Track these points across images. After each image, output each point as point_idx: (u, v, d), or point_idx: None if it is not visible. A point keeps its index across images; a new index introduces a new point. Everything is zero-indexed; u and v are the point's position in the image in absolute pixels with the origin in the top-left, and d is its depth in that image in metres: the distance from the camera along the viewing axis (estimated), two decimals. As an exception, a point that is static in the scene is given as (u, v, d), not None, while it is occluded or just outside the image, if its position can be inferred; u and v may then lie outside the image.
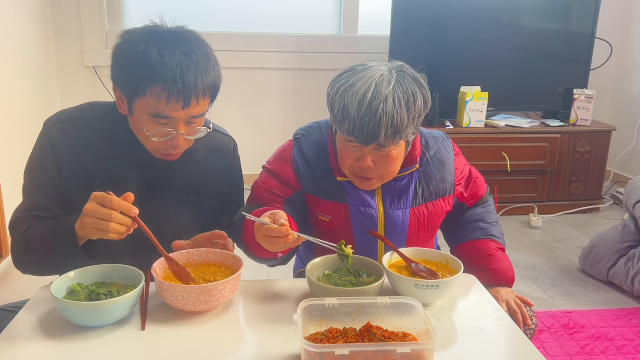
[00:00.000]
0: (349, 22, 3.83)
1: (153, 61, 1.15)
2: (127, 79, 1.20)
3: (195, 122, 1.25)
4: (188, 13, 3.67)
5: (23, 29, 3.02)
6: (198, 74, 1.17)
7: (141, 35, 1.19)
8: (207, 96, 1.22)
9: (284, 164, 1.43)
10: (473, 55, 3.50)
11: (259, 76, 3.80)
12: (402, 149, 1.32)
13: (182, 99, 1.17)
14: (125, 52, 1.19)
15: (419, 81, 1.28)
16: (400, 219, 1.42)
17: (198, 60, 1.18)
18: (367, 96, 1.21)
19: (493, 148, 3.37)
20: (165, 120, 1.20)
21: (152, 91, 1.16)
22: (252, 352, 1.04)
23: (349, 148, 1.30)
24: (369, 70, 1.26)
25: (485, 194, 1.56)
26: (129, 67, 1.19)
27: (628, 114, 3.95)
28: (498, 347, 1.10)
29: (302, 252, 1.65)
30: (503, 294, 1.40)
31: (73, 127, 1.30)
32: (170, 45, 1.17)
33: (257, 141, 3.88)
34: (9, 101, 2.76)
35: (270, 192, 1.41)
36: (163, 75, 1.14)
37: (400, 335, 1.02)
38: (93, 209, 1.08)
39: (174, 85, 1.15)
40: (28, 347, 1.02)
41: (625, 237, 2.61)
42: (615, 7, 3.89)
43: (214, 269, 1.23)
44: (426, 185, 1.43)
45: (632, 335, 2.21)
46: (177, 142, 1.24)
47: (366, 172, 1.31)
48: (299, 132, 1.48)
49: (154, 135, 1.22)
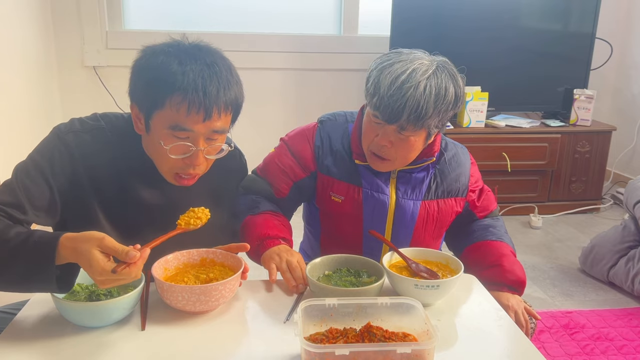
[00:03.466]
0: (349, 22, 3.83)
1: (173, 70, 1.10)
2: (146, 92, 1.15)
3: (217, 139, 1.18)
4: (188, 13, 3.67)
5: (23, 29, 3.02)
6: (220, 85, 1.13)
7: (161, 48, 1.15)
8: (229, 111, 1.17)
9: (304, 143, 1.48)
10: (473, 55, 3.50)
11: (258, 76, 3.79)
12: (421, 138, 1.35)
13: (203, 110, 1.11)
14: (144, 64, 1.15)
15: (455, 78, 1.32)
16: (411, 209, 1.44)
17: (221, 72, 1.14)
18: (400, 78, 1.27)
19: (493, 148, 3.37)
20: (184, 134, 1.14)
21: (172, 101, 1.11)
22: (252, 352, 1.04)
23: (373, 124, 1.35)
24: (412, 56, 1.32)
25: (496, 210, 1.57)
26: (148, 79, 1.14)
27: (628, 114, 3.95)
28: (498, 347, 1.10)
29: (306, 245, 1.65)
30: (513, 302, 1.36)
31: (91, 137, 1.22)
32: (191, 55, 1.13)
33: (256, 141, 3.87)
34: (9, 101, 2.76)
35: (282, 172, 1.47)
36: (184, 84, 1.10)
37: (400, 335, 1.02)
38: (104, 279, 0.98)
39: (195, 95, 1.10)
40: (28, 347, 1.02)
41: (625, 237, 2.61)
42: (615, 7, 3.88)
43: (214, 269, 1.22)
44: (440, 181, 1.47)
45: (632, 335, 2.21)
46: (196, 161, 1.17)
47: (382, 150, 1.35)
48: (326, 115, 1.53)
49: (171, 150, 1.15)
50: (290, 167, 1.47)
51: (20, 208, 1.12)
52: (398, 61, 1.30)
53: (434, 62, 1.31)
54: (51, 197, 1.17)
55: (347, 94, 3.91)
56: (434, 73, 1.28)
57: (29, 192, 1.14)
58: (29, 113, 2.98)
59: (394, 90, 1.26)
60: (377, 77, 1.30)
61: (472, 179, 1.52)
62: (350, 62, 3.84)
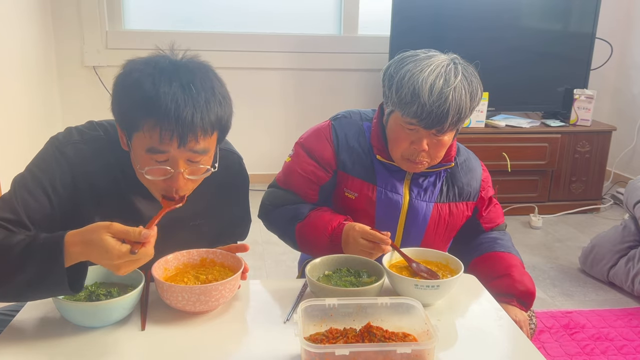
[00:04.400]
0: (349, 22, 3.83)
1: (146, 93, 1.03)
2: (122, 112, 1.10)
3: (199, 160, 1.11)
4: (188, 13, 3.67)
5: (23, 29, 3.02)
6: (196, 110, 1.04)
7: (138, 66, 1.08)
8: (209, 134, 1.09)
9: (324, 142, 1.47)
10: (473, 55, 3.44)
11: (258, 76, 3.80)
12: (452, 135, 1.38)
13: (176, 137, 1.04)
14: (121, 83, 1.09)
15: (474, 74, 1.34)
16: (423, 210, 1.45)
17: (197, 94, 1.05)
18: (437, 82, 1.27)
19: (493, 148, 3.37)
20: (162, 157, 1.08)
21: (146, 126, 1.05)
22: (252, 352, 1.04)
23: (406, 131, 1.34)
24: (435, 58, 1.32)
25: (503, 224, 1.57)
26: (123, 99, 1.09)
27: (628, 114, 3.95)
28: (498, 347, 1.10)
29: None
30: (521, 318, 1.35)
31: (90, 148, 1.19)
32: (167, 75, 1.05)
33: (256, 141, 3.88)
34: (9, 100, 2.76)
35: (306, 180, 1.46)
36: (155, 109, 1.03)
37: (400, 335, 1.02)
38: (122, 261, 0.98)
39: (166, 122, 1.03)
40: (28, 347, 1.02)
41: (625, 237, 2.61)
42: (615, 7, 3.89)
43: (214, 269, 1.22)
44: (452, 185, 1.48)
45: (632, 335, 2.21)
46: (177, 184, 1.10)
47: (420, 155, 1.35)
48: (340, 113, 1.53)
49: (147, 172, 1.09)
50: (313, 173, 1.46)
51: (21, 224, 1.10)
52: (426, 66, 1.30)
53: (451, 60, 1.33)
54: (51, 211, 1.14)
55: (347, 94, 3.92)
56: (463, 74, 1.30)
57: (28, 207, 1.11)
58: (28, 112, 2.98)
59: (436, 97, 1.26)
60: (412, 85, 1.28)
61: (484, 183, 1.53)
62: (350, 62, 3.85)
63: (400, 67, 1.33)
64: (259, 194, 1.60)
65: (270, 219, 1.51)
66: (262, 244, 2.89)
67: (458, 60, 1.34)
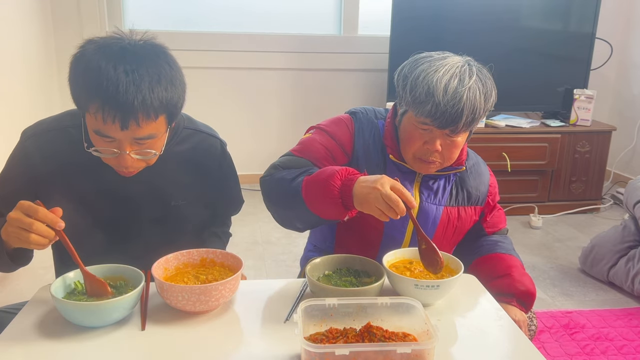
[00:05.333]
0: (349, 22, 3.83)
1: (92, 76, 1.08)
2: (73, 93, 1.14)
3: (145, 144, 1.16)
4: (188, 13, 3.67)
5: (23, 29, 3.02)
6: (138, 94, 1.08)
7: (91, 47, 1.13)
8: (153, 118, 1.13)
9: (344, 128, 1.45)
10: (473, 55, 3.46)
11: (258, 76, 3.80)
12: (465, 136, 1.38)
13: (118, 120, 1.09)
14: (74, 64, 1.14)
15: (488, 75, 1.34)
16: (434, 213, 1.44)
17: (141, 78, 1.09)
18: (452, 82, 1.27)
19: (493, 148, 3.37)
20: (108, 139, 1.14)
21: (91, 108, 1.10)
22: (252, 352, 1.04)
23: (419, 130, 1.33)
24: (449, 59, 1.32)
25: (504, 229, 1.57)
26: (73, 81, 1.14)
27: (628, 114, 3.95)
28: (498, 347, 1.10)
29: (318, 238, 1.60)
30: (521, 318, 1.35)
31: (49, 141, 1.25)
32: (113, 60, 1.09)
33: (256, 141, 3.88)
34: (9, 100, 2.76)
35: (326, 151, 1.40)
36: (99, 93, 1.07)
37: (400, 335, 1.02)
38: (16, 217, 1.02)
39: (107, 105, 1.08)
40: (28, 347, 1.02)
41: (625, 237, 2.61)
42: (615, 7, 3.89)
43: (214, 269, 1.23)
44: (461, 189, 1.47)
45: (632, 335, 2.21)
46: (125, 163, 1.16)
47: (432, 155, 1.35)
48: (357, 108, 1.51)
49: (97, 151, 1.16)
50: (333, 149, 1.42)
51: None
52: (440, 66, 1.29)
53: (466, 62, 1.33)
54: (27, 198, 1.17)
55: (347, 94, 3.91)
56: (477, 76, 1.30)
57: (5, 202, 1.20)
58: (28, 112, 2.98)
59: (450, 96, 1.25)
60: (426, 84, 1.27)
61: (491, 187, 1.53)
62: (350, 62, 3.85)
63: (414, 67, 1.33)
64: (259, 194, 1.59)
65: (276, 176, 1.38)
66: (262, 244, 2.89)
67: (472, 62, 1.34)
